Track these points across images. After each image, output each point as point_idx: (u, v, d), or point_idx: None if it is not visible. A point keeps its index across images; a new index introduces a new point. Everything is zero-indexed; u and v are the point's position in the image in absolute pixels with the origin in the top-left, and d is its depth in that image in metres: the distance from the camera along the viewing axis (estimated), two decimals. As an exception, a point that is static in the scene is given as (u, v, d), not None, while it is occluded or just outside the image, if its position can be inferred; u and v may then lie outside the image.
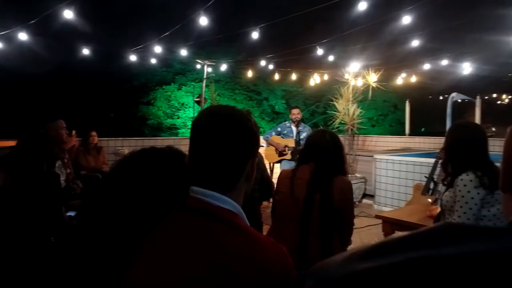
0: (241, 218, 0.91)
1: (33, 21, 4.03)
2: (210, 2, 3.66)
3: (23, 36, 4.48)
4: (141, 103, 10.18)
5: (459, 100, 7.86)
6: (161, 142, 6.71)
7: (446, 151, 2.23)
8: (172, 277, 0.79)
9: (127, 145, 6.29)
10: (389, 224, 3.26)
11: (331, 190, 1.98)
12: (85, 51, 5.55)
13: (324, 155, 2.08)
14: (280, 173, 2.31)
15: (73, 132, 4.35)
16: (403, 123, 9.81)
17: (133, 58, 6.13)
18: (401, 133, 9.98)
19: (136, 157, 1.06)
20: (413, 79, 8.16)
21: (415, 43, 5.26)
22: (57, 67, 7.91)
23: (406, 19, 4.04)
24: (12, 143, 2.45)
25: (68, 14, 3.82)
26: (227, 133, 0.90)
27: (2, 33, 4.40)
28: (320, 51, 5.69)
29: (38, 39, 4.80)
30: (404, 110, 9.58)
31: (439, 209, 3.05)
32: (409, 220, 3.07)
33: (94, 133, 5.22)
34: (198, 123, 0.94)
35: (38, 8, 3.98)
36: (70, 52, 5.63)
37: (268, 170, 6.56)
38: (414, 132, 9.38)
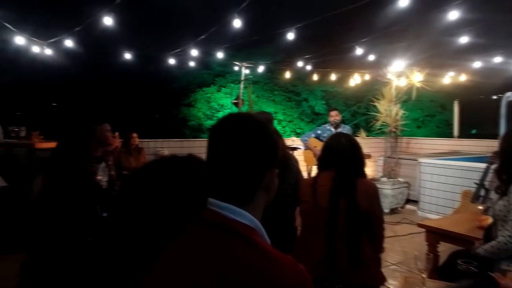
0: (258, 233, 0.85)
1: (77, 29, 4.24)
2: (245, 4, 3.64)
3: (69, 42, 4.75)
4: (182, 105, 10.43)
5: (515, 100, 7.28)
6: (199, 143, 6.80)
7: (500, 156, 2.05)
8: None
9: (166, 146, 6.44)
10: (433, 234, 3.06)
11: (355, 195, 1.88)
12: (127, 56, 5.76)
13: (342, 159, 1.99)
14: (302, 181, 2.26)
15: (116, 134, 4.52)
16: (452, 125, 9.27)
17: (172, 61, 6.27)
18: (449, 135, 9.43)
19: (155, 166, 1.04)
20: (462, 77, 7.65)
21: (464, 39, 4.90)
22: (100, 72, 8.30)
23: (454, 14, 3.76)
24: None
25: (108, 21, 3.98)
26: (243, 141, 0.85)
27: (51, 40, 4.68)
28: (359, 51, 5.48)
29: (83, 45, 5.05)
30: (452, 111, 9.05)
31: (490, 219, 2.82)
32: (456, 231, 2.87)
33: (135, 135, 5.38)
34: (214, 131, 0.90)
35: (82, 16, 4.18)
36: (113, 56, 5.87)
37: (306, 174, 6.45)
38: (463, 134, 8.83)
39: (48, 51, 5.04)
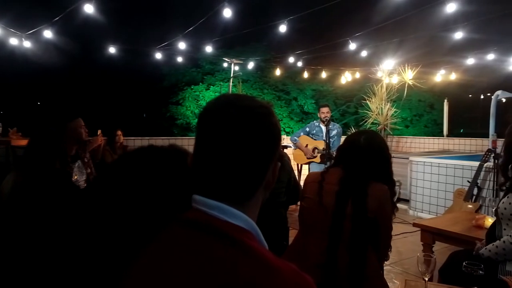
0: (255, 237, 0.70)
1: (57, 18, 4.03)
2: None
3: (48, 34, 4.50)
4: (170, 103, 10.27)
5: (503, 99, 7.30)
6: (187, 141, 6.63)
7: (505, 152, 1.94)
8: None
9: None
10: (429, 233, 2.96)
11: (366, 198, 1.72)
12: (112, 49, 5.52)
13: (352, 157, 1.82)
14: (308, 176, 2.06)
15: (99, 131, 4.31)
16: (440, 124, 9.29)
17: (159, 56, 6.07)
18: (437, 134, 9.44)
19: (130, 157, 0.88)
20: (453, 76, 7.64)
21: (458, 35, 4.82)
22: (83, 66, 8.04)
23: (451, 7, 3.65)
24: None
25: (90, 8, 3.76)
26: (244, 130, 0.69)
27: (29, 32, 4.45)
28: (352, 46, 5.37)
29: (64, 37, 4.82)
30: (441, 110, 9.07)
31: (488, 218, 2.75)
32: (453, 230, 2.77)
33: (119, 132, 5.19)
34: (206, 115, 0.73)
35: (62, 5, 3.97)
36: (97, 49, 5.64)
37: (296, 172, 6.31)
38: (453, 133, 8.84)
39: (27, 44, 4.79)
